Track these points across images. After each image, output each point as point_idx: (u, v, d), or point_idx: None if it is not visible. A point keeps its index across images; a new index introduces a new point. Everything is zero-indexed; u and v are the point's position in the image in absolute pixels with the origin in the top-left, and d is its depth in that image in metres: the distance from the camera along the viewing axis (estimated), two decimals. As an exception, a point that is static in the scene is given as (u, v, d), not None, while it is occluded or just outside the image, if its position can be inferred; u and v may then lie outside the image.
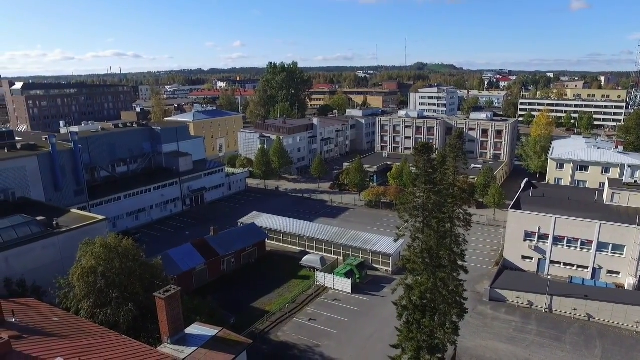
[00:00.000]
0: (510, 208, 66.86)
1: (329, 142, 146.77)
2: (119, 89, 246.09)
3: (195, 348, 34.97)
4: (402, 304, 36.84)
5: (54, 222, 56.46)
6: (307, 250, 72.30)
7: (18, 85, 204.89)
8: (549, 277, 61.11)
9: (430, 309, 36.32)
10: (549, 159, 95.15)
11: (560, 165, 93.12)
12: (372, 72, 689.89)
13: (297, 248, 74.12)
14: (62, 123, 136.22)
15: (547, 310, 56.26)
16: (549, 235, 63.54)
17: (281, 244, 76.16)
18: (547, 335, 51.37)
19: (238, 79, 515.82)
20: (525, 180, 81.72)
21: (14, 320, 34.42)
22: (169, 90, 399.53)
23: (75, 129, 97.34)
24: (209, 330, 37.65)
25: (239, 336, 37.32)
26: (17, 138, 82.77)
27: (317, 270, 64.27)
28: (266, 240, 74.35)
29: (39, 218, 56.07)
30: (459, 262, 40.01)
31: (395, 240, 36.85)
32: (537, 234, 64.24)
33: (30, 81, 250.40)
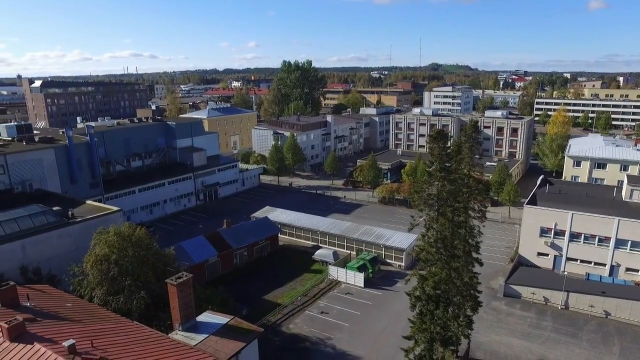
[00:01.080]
0: (526, 203, 65.93)
1: (342, 139, 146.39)
2: (135, 87, 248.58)
3: (206, 335, 35.01)
4: (416, 295, 36.44)
5: (70, 213, 57.05)
6: (320, 245, 72.10)
7: (37, 84, 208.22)
8: (565, 274, 60.06)
9: (443, 300, 35.86)
10: (566, 157, 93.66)
11: (578, 162, 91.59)
12: (386, 72, 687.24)
13: (310, 242, 73.93)
14: (79, 119, 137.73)
15: (563, 307, 55.32)
16: (565, 231, 62.49)
17: (294, 239, 76.06)
18: (563, 332, 50.49)
19: (252, 78, 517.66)
20: (541, 177, 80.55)
21: (28, 304, 34.79)
22: (184, 89, 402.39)
23: (91, 124, 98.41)
24: (220, 319, 37.65)
25: (250, 324, 37.25)
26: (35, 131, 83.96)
27: (329, 264, 64.01)
28: (279, 235, 74.23)
29: (55, 208, 56.66)
30: (474, 255, 39.55)
31: (410, 230, 36.37)
32: (553, 230, 63.22)
33: (49, 79, 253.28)
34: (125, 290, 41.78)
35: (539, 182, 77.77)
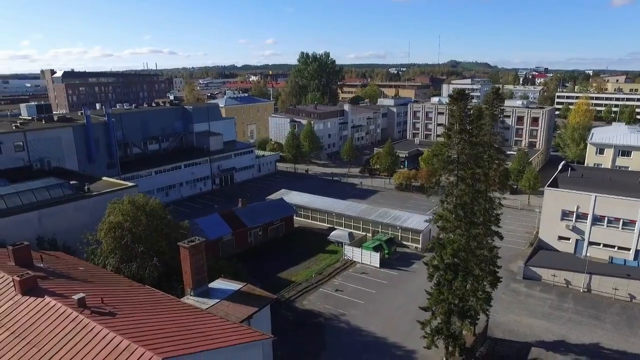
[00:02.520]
0: (547, 186, 64.22)
1: (359, 129, 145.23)
2: (154, 78, 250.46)
3: (217, 300, 34.57)
4: (434, 264, 35.45)
5: (86, 187, 57.24)
6: (335, 227, 71.31)
7: (59, 74, 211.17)
8: (588, 257, 58.32)
9: (462, 269, 34.79)
10: (589, 144, 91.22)
11: (601, 150, 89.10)
12: (404, 69, 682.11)
13: (326, 225, 73.21)
14: (97, 105, 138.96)
15: (586, 290, 53.69)
16: (588, 214, 60.63)
17: (309, 221, 75.43)
18: (586, 314, 48.94)
19: (270, 73, 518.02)
20: (562, 162, 78.59)
21: (42, 265, 34.70)
22: (202, 82, 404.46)
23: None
24: (233, 285, 37.21)
25: (263, 291, 36.73)
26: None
27: (344, 244, 63.20)
28: (294, 217, 73.67)
29: (71, 182, 56.91)
30: (494, 228, 38.42)
31: (428, 195, 35.26)
32: (575, 214, 61.39)
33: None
34: (138, 258, 41.62)
35: (560, 167, 75.83)
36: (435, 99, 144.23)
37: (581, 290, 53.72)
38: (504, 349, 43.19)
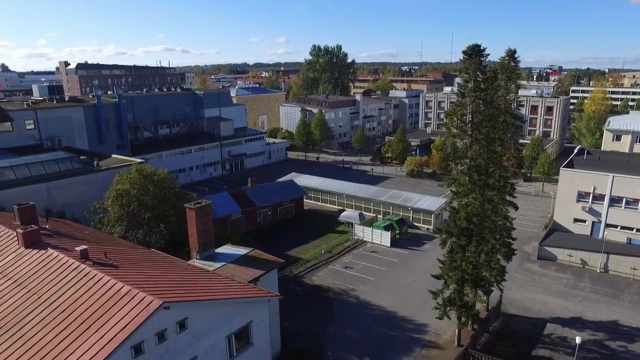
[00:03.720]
0: (563, 167, 62.68)
1: (371, 119, 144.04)
2: (166, 71, 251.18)
3: (224, 263, 33.91)
4: (447, 229, 34.37)
5: (95, 162, 57.00)
6: (346, 209, 70.38)
7: (72, 65, 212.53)
8: (605, 239, 56.75)
9: (476, 235, 33.69)
10: (605, 130, 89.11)
11: (618, 137, 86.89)
12: (416, 67, 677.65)
13: (336, 207, 72.33)
14: (109, 93, 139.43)
15: (603, 270, 52.22)
16: (605, 195, 58.96)
17: (319, 203, 74.61)
18: (603, 293, 47.52)
19: (282, 69, 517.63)
20: (578, 147, 76.88)
21: (47, 226, 34.33)
22: (213, 78, 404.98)
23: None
24: (239, 250, 36.58)
25: (270, 256, 36.03)
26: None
27: (355, 224, 62.24)
28: (304, 200, 72.90)
29: (81, 157, 56.71)
30: (508, 198, 37.30)
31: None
32: (591, 195, 59.78)
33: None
34: (144, 225, 41.11)
35: (575, 151, 74.15)
36: (447, 89, 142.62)
37: (598, 271, 52.27)
38: (518, 324, 42.02)
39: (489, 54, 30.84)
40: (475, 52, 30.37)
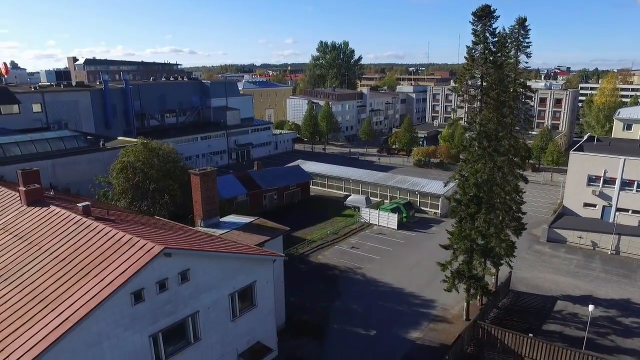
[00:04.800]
0: (573, 151, 61.79)
1: (378, 113, 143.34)
2: (174, 67, 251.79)
3: (228, 230, 33.43)
4: (456, 197, 33.69)
5: (101, 142, 56.81)
6: (353, 194, 69.77)
7: (81, 61, 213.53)
8: (616, 222, 55.78)
9: (486, 202, 32.99)
10: (615, 120, 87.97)
11: (628, 126, 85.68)
12: (423, 68, 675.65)
13: (342, 192, 71.71)
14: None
15: (614, 252, 51.28)
16: (616, 179, 58.00)
17: (325, 189, 74.07)
18: (614, 273, 46.59)
19: (289, 68, 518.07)
20: (587, 134, 75.85)
21: (51, 193, 34.04)
22: (221, 76, 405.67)
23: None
24: (244, 219, 36.11)
25: (275, 224, 35.49)
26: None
27: (361, 208, 61.62)
28: (311, 186, 72.35)
29: (87, 137, 56.55)
30: (518, 171, 36.63)
31: (453, 111, 33.46)
32: (602, 178, 58.84)
33: (95, 56, 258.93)
34: (149, 197, 40.76)
35: (585, 137, 73.20)
36: (453, 83, 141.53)
37: (609, 253, 51.34)
38: (528, 300, 41.22)
39: (499, 16, 30.15)
40: (485, 14, 29.69)
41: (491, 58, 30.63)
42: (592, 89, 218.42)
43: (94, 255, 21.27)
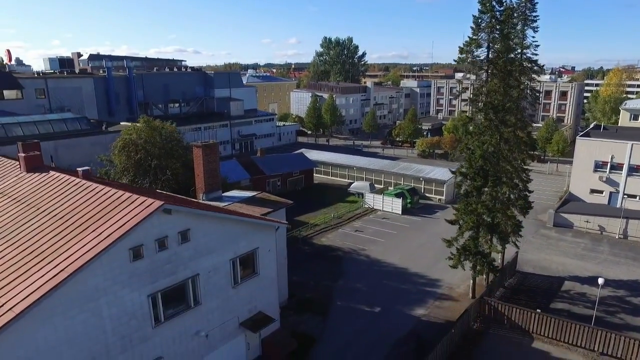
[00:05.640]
0: (579, 136, 61.04)
1: (382, 107, 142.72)
2: (177, 63, 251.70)
3: (231, 203, 32.94)
4: (461, 171, 33.08)
5: (104, 125, 56.51)
6: (356, 181, 69.22)
7: (85, 56, 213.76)
8: (623, 207, 55.01)
9: (492, 175, 32.38)
10: (622, 110, 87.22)
11: (635, 116, 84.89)
12: (427, 67, 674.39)
13: (346, 180, 71.17)
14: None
15: (622, 236, 50.51)
16: (623, 165, 57.20)
17: (329, 177, 73.55)
18: (623, 256, 45.83)
19: (293, 67, 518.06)
20: (593, 123, 75.04)
21: (52, 165, 33.75)
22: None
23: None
24: (247, 193, 35.64)
25: (278, 197, 35.00)
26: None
27: (365, 193, 61.06)
28: (315, 174, 71.83)
29: (90, 120, 56.23)
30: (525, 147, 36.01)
31: (457, 96, 32.91)
32: (609, 164, 58.03)
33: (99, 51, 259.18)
34: (151, 173, 40.33)
35: (591, 126, 72.41)
36: (459, 74, 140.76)
37: (617, 237, 50.58)
38: (535, 280, 40.57)
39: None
40: (492, -22, 29.13)
41: (498, 27, 30.02)
42: (597, 85, 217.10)
43: (92, 212, 20.83)
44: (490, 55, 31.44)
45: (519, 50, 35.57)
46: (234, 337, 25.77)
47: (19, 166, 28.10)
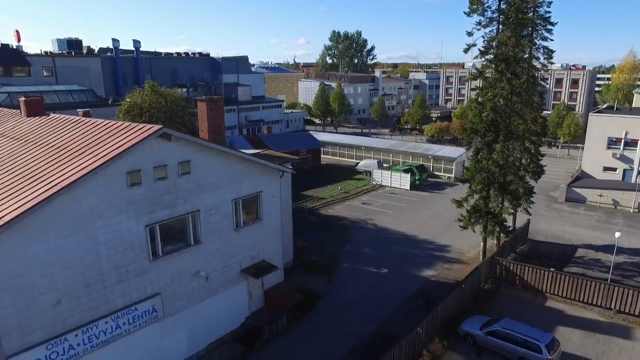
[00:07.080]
0: (592, 113, 59.75)
1: (390, 98, 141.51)
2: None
3: (236, 156, 32.22)
4: (471, 126, 32.11)
5: (110, 100, 56.13)
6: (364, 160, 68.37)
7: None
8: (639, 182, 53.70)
9: (504, 129, 31.40)
10: (635, 93, 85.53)
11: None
12: (436, 67, 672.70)
13: (354, 161, 70.26)
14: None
15: (636, 210, 49.18)
16: (637, 141, 55.85)
17: (337, 157, 72.71)
18: (638, 227, 44.50)
19: (302, 65, 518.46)
20: (606, 104, 73.58)
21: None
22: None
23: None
24: (252, 150, 34.88)
25: (284, 154, 34.27)
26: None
27: (374, 170, 60.15)
28: (322, 155, 71.02)
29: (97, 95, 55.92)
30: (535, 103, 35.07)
31: (467, 50, 31.91)
32: (623, 140, 56.69)
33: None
34: (155, 136, 39.82)
35: (603, 107, 70.96)
36: (469, 63, 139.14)
37: (631, 211, 49.27)
38: (547, 247, 39.44)
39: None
40: None
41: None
42: (608, 79, 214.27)
43: (91, 139, 20.21)
44: (502, 5, 30.50)
45: (531, 6, 34.61)
46: (236, 283, 25.03)
47: (19, 112, 27.60)
